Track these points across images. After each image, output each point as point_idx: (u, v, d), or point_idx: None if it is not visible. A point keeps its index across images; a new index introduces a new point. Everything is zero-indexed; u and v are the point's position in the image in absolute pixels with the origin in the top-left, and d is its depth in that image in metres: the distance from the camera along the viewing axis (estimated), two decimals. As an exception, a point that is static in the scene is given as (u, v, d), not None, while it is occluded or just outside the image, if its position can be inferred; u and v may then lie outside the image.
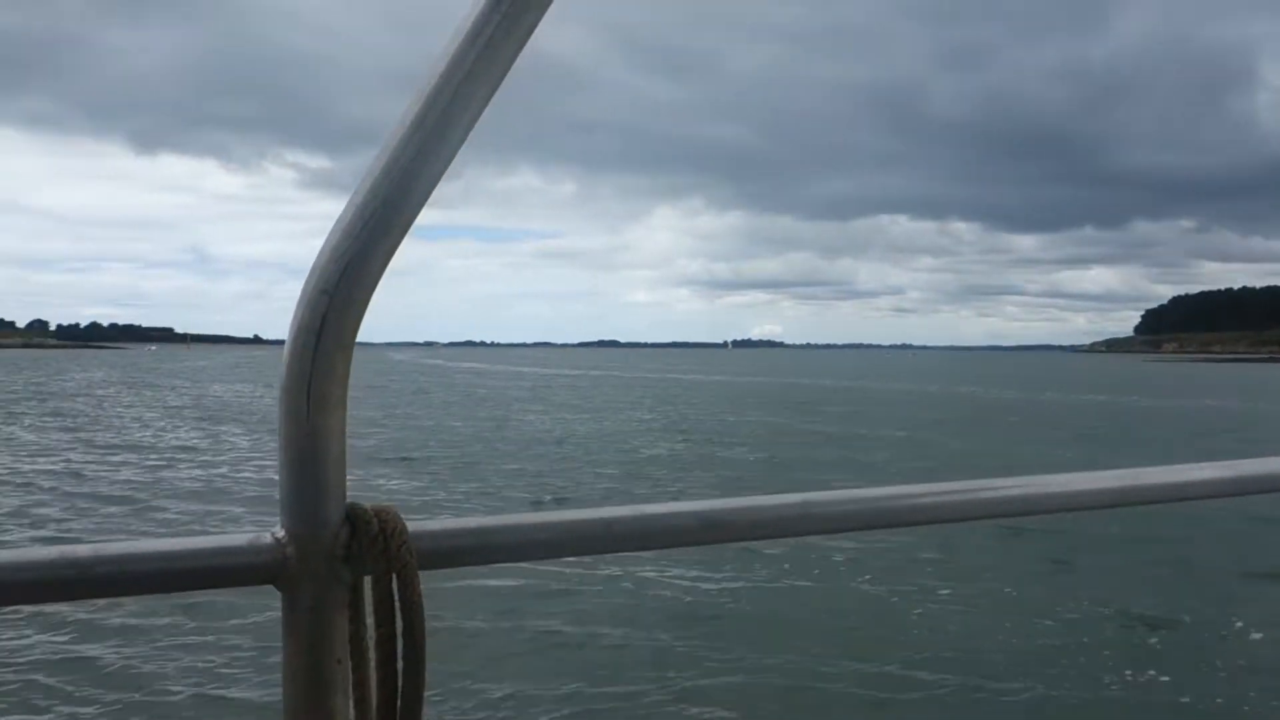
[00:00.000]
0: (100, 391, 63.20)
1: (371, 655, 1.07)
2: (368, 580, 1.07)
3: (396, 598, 1.06)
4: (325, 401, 1.03)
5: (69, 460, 27.19)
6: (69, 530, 17.16)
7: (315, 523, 1.04)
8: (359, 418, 41.18)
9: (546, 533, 1.18)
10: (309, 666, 1.05)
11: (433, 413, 46.39)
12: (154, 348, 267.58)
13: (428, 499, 20.78)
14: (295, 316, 1.02)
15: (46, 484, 22.66)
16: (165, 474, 24.49)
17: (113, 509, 19.26)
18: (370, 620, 1.07)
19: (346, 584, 1.06)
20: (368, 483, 22.90)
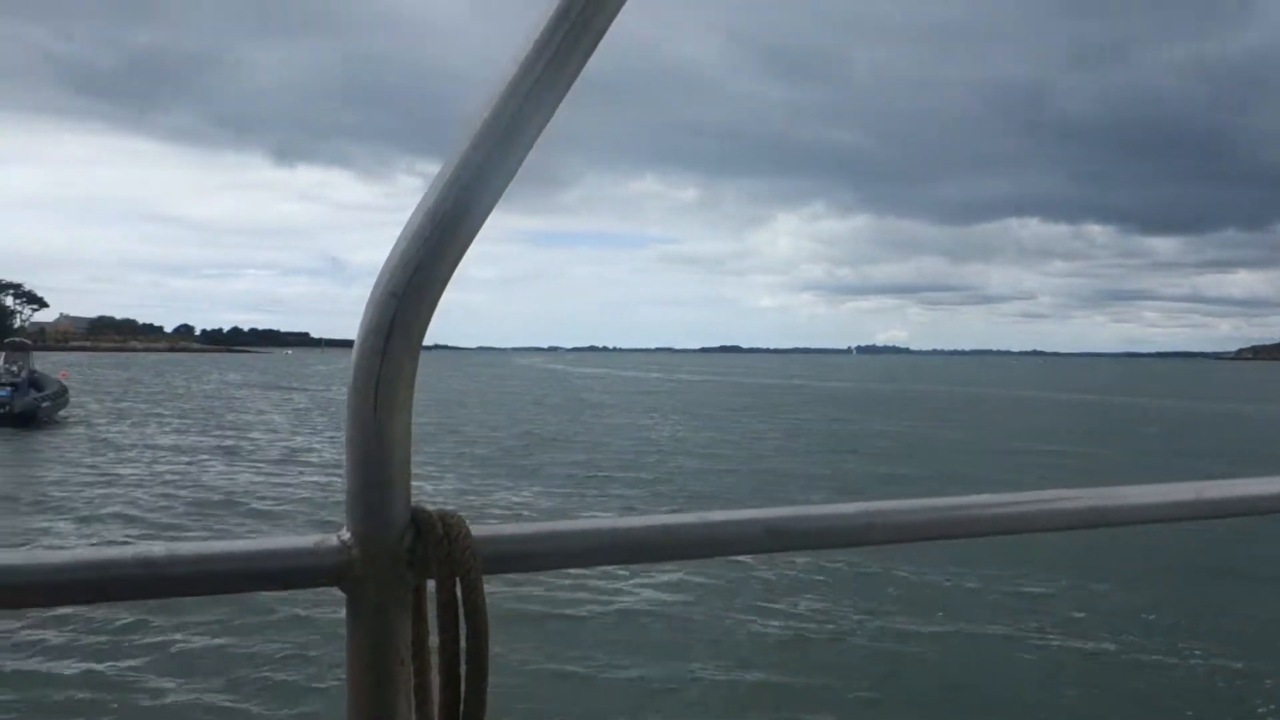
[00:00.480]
0: (234, 393, 65.66)
1: (434, 658, 1.07)
2: (431, 583, 1.07)
3: (460, 601, 1.05)
4: (392, 404, 1.03)
5: (194, 458, 28.02)
6: (178, 527, 17.55)
7: (380, 525, 1.05)
8: (475, 419, 41.53)
9: (609, 538, 1.17)
10: (372, 668, 1.05)
11: (545, 416, 46.48)
12: (290, 351, 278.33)
13: (528, 504, 20.55)
14: (364, 319, 1.03)
15: (172, 479, 23.33)
16: (277, 472, 24.97)
17: (224, 507, 19.67)
18: (433, 623, 1.07)
19: (410, 587, 1.07)
20: (485, 484, 22.80)
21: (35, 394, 39.19)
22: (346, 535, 1.05)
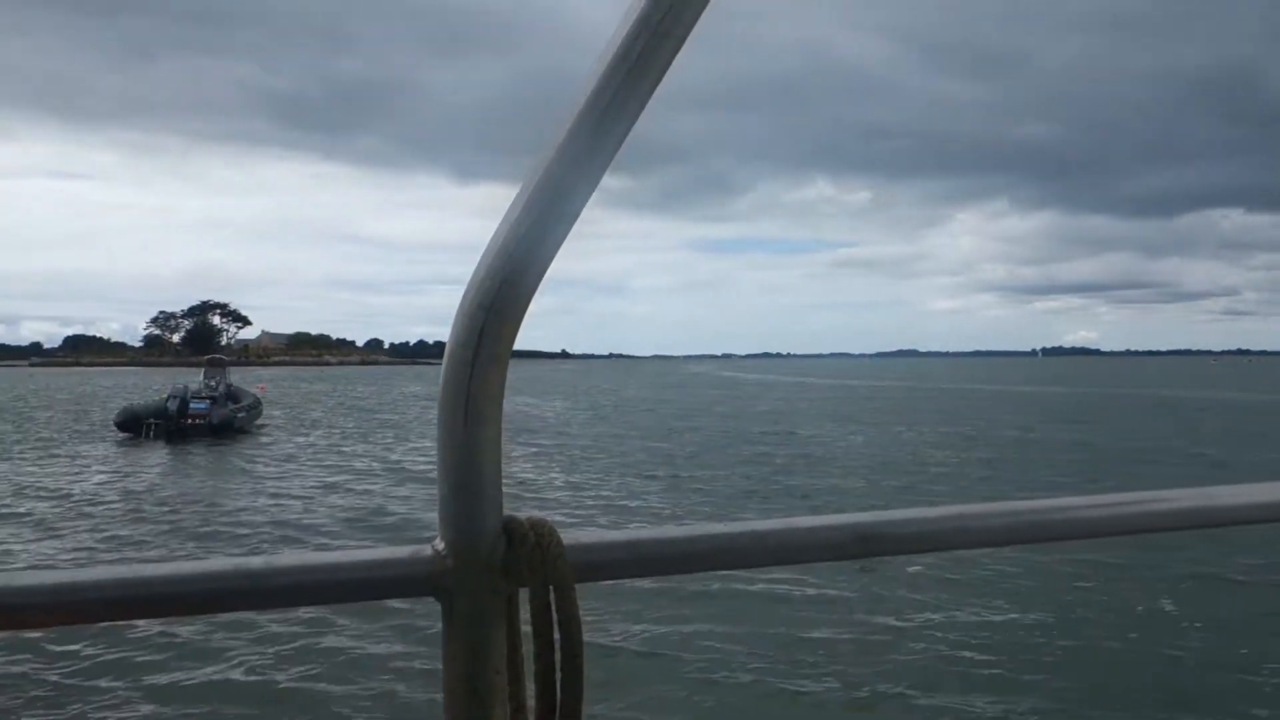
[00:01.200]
0: (412, 404, 68.37)
1: (528, 667, 1.08)
2: (523, 592, 1.08)
3: (554, 609, 1.06)
4: (482, 415, 1.05)
5: (368, 466, 29.27)
6: (334, 534, 18.31)
7: (473, 535, 1.06)
8: (641, 427, 41.85)
9: (699, 545, 1.18)
10: (468, 677, 1.07)
11: (714, 423, 46.38)
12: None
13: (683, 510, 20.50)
14: (453, 331, 1.04)
15: (347, 486, 24.41)
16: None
17: (385, 514, 20.40)
18: (527, 632, 1.08)
19: (503, 596, 1.08)
20: (642, 494, 22.89)
21: (232, 406, 41.87)
22: (440, 545, 1.07)
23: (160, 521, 20.15)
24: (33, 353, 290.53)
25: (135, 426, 38.35)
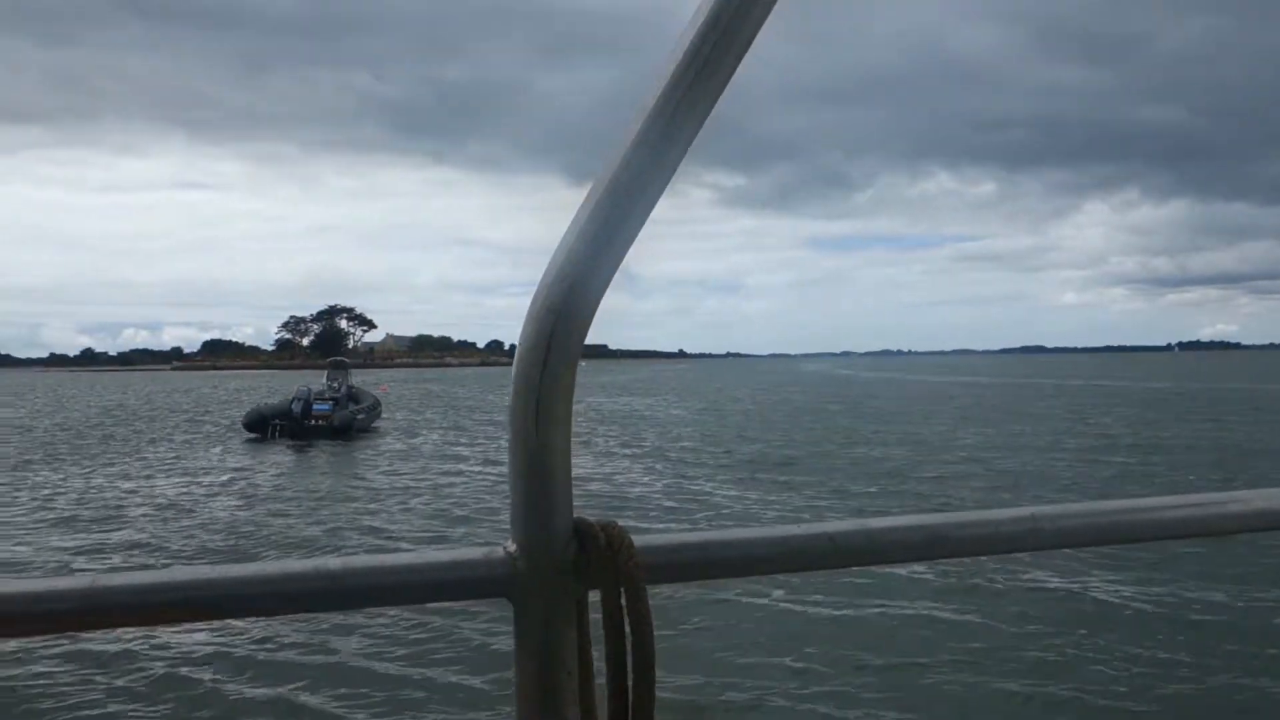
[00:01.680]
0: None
1: (600, 668, 1.08)
2: (594, 594, 1.09)
3: (625, 611, 1.06)
4: (552, 417, 1.06)
5: (477, 465, 29.86)
6: (440, 535, 18.75)
7: (545, 536, 1.07)
8: (748, 428, 41.60)
9: (770, 548, 1.18)
10: (540, 678, 1.08)
11: (815, 424, 45.85)
12: (584, 363, 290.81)
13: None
14: (523, 334, 1.05)
15: (456, 485, 24.97)
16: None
17: (487, 513, 20.81)
18: (599, 633, 1.08)
19: (574, 597, 1.09)
20: (758, 483, 22.81)
21: (353, 407, 43.23)
22: (512, 547, 1.08)
23: (280, 516, 20.96)
24: (174, 357, 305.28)
25: (261, 427, 39.92)
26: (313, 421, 39.93)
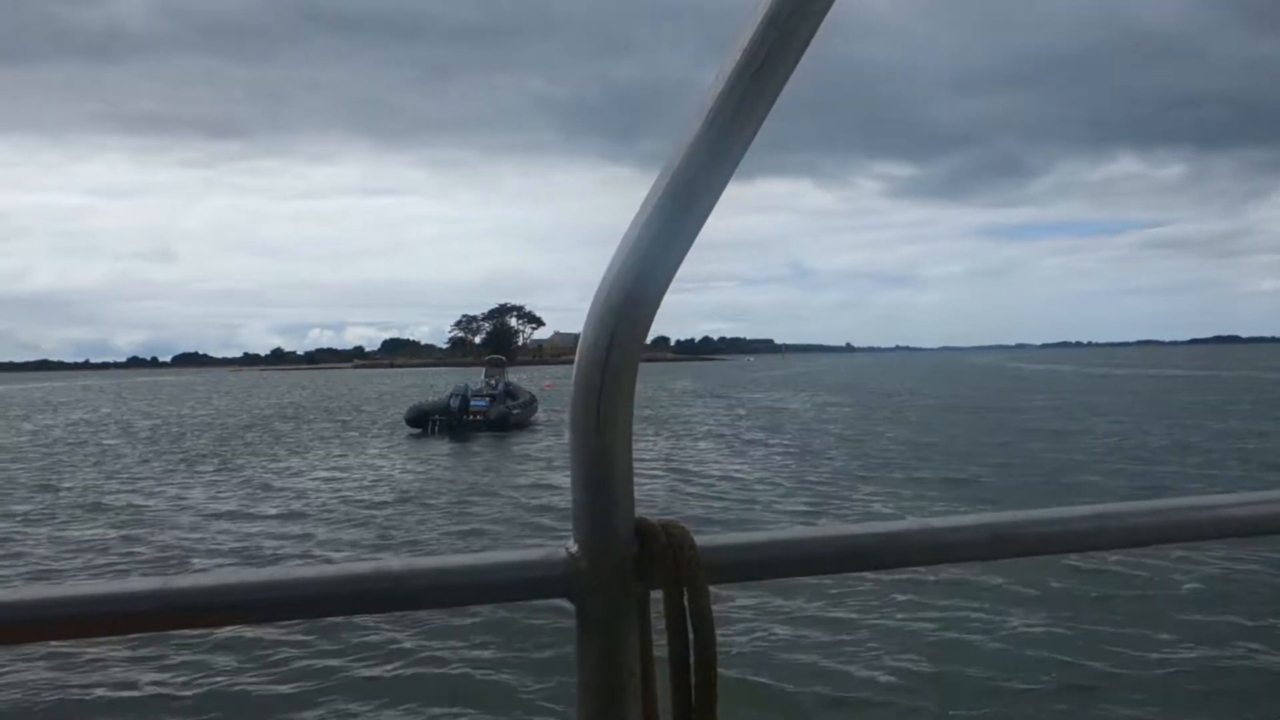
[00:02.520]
0: (677, 400, 69.96)
1: (662, 669, 1.09)
2: (655, 595, 1.09)
3: (688, 611, 1.07)
4: (614, 418, 1.06)
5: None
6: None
7: (606, 537, 1.07)
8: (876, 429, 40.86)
9: (833, 547, 1.18)
10: (602, 679, 1.08)
11: (969, 420, 44.63)
12: (751, 359, 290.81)
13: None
14: (584, 335, 1.06)
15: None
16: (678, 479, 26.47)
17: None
18: (660, 633, 1.09)
19: (636, 597, 1.09)
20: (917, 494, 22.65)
21: (510, 403, 44.77)
22: (574, 547, 1.08)
23: (434, 509, 21.99)
24: (355, 356, 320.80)
25: (423, 423, 41.85)
26: (470, 417, 41.57)
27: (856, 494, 22.61)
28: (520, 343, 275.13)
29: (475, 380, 47.69)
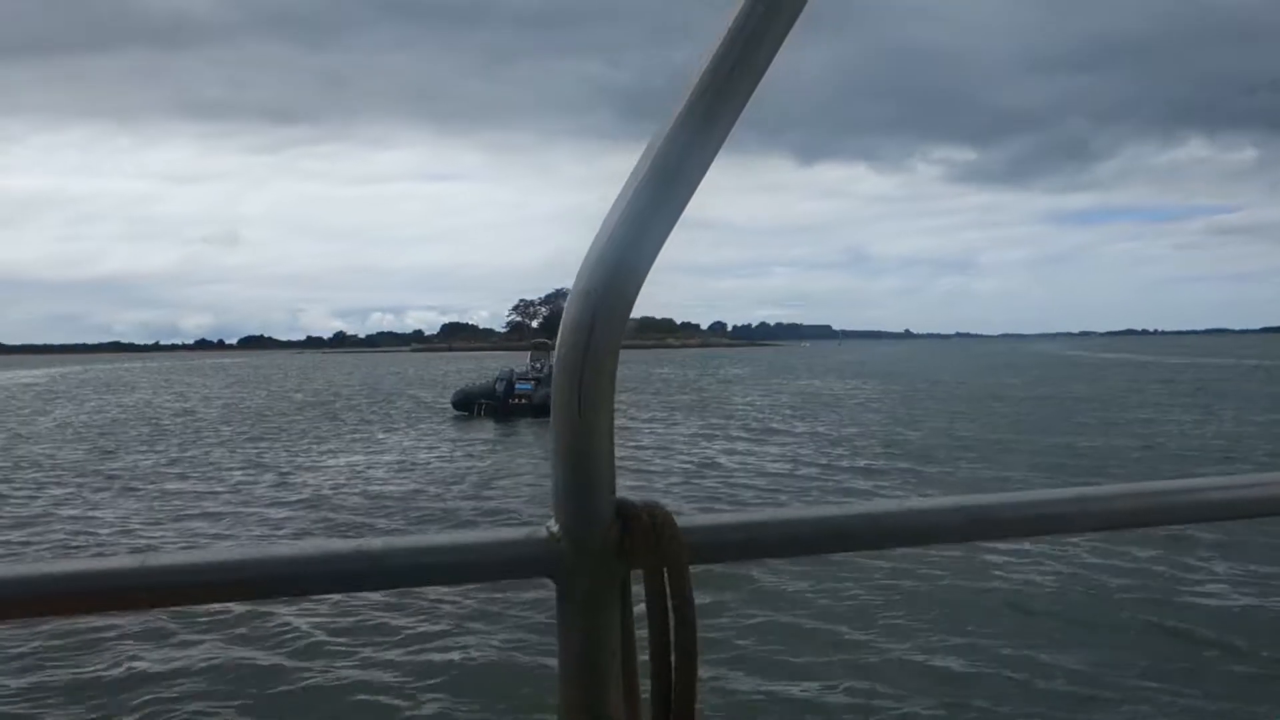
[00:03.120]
0: (729, 385, 70.03)
1: (643, 649, 1.10)
2: (636, 575, 1.09)
3: (668, 592, 1.08)
4: (596, 399, 1.05)
5: (659, 442, 30.92)
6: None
7: (588, 517, 1.07)
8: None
9: (812, 528, 1.19)
10: (584, 659, 1.09)
11: (1006, 409, 44.21)
12: (807, 344, 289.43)
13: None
14: (565, 317, 1.06)
15: (643, 460, 26.14)
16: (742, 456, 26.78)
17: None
18: (641, 614, 1.10)
19: (618, 578, 1.09)
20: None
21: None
22: (555, 527, 1.08)
23: (461, 490, 22.63)
24: (414, 339, 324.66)
25: (468, 406, 42.64)
26: (515, 400, 42.22)
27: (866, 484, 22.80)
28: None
29: (518, 365, 48.33)
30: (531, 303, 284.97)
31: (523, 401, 42.04)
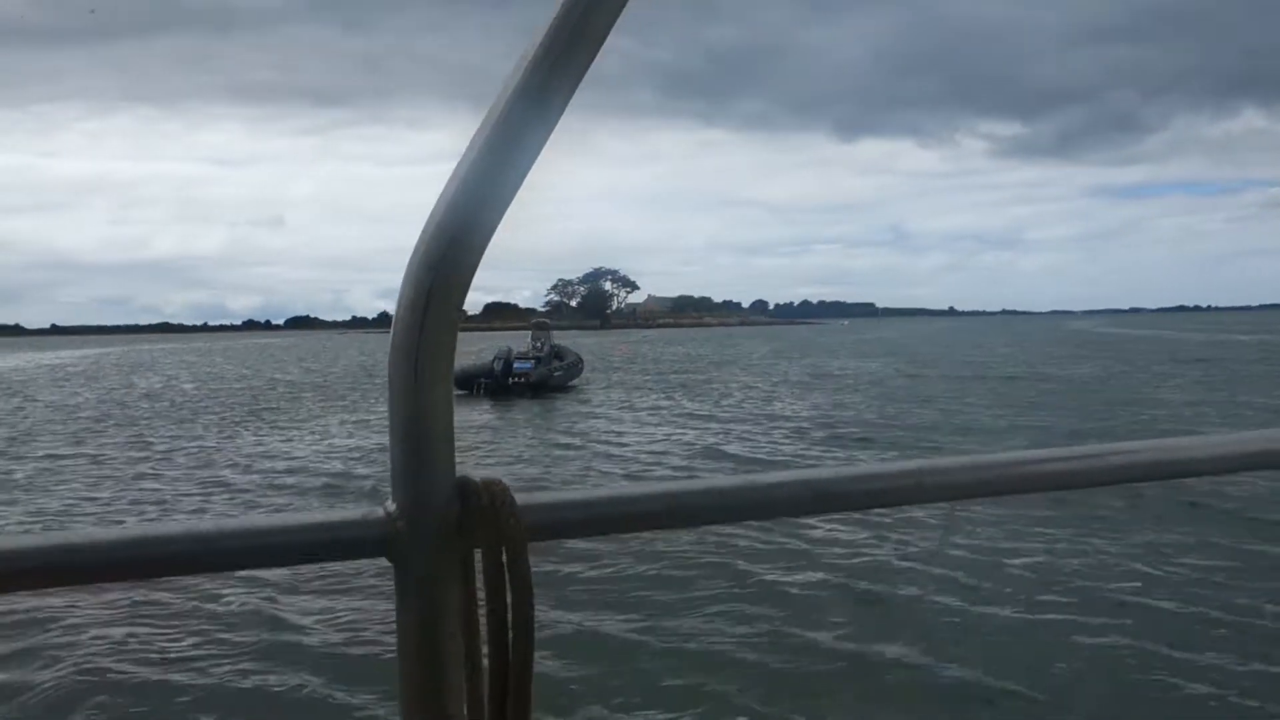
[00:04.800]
0: (740, 363, 70.01)
1: (483, 627, 1.08)
2: (478, 553, 1.08)
3: (506, 570, 1.06)
4: (433, 375, 1.04)
5: (641, 418, 31.29)
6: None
7: (426, 496, 1.06)
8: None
9: (654, 504, 1.18)
10: (422, 639, 1.07)
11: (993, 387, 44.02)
12: (846, 322, 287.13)
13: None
14: (402, 290, 1.04)
15: (619, 440, 26.53)
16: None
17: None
18: (481, 593, 1.08)
19: (458, 556, 1.07)
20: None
21: (557, 363, 45.90)
22: (393, 506, 1.06)
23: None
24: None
25: (468, 384, 43.21)
26: (514, 379, 42.79)
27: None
28: (615, 306, 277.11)
29: (520, 344, 48.91)
30: (570, 282, 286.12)
31: (521, 380, 42.58)
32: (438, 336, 1.02)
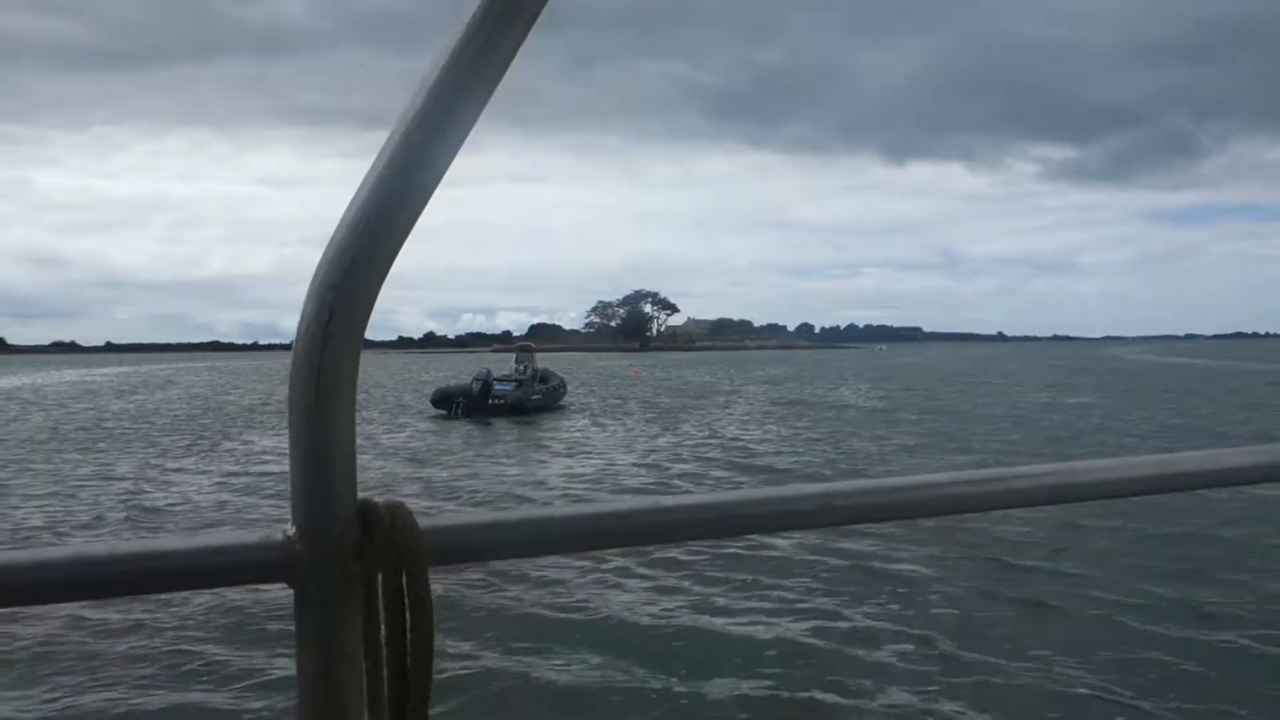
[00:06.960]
0: (738, 389, 69.28)
1: (384, 651, 1.06)
2: (381, 577, 1.06)
3: (406, 594, 1.05)
4: (334, 397, 1.02)
5: (615, 452, 31.32)
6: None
7: (326, 519, 1.04)
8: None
9: (558, 527, 1.17)
10: (322, 663, 1.05)
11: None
12: (883, 347, 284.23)
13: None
14: (304, 309, 1.02)
15: (589, 466, 26.64)
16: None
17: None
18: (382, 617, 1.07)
19: (359, 580, 1.05)
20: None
21: (538, 386, 46.11)
22: (292, 530, 1.04)
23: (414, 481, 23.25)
24: (499, 340, 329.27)
25: (447, 404, 43.60)
26: (492, 400, 43.08)
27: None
28: (654, 329, 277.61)
29: (503, 366, 49.37)
30: (610, 304, 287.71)
31: (500, 402, 42.85)
32: (340, 356, 1.00)
